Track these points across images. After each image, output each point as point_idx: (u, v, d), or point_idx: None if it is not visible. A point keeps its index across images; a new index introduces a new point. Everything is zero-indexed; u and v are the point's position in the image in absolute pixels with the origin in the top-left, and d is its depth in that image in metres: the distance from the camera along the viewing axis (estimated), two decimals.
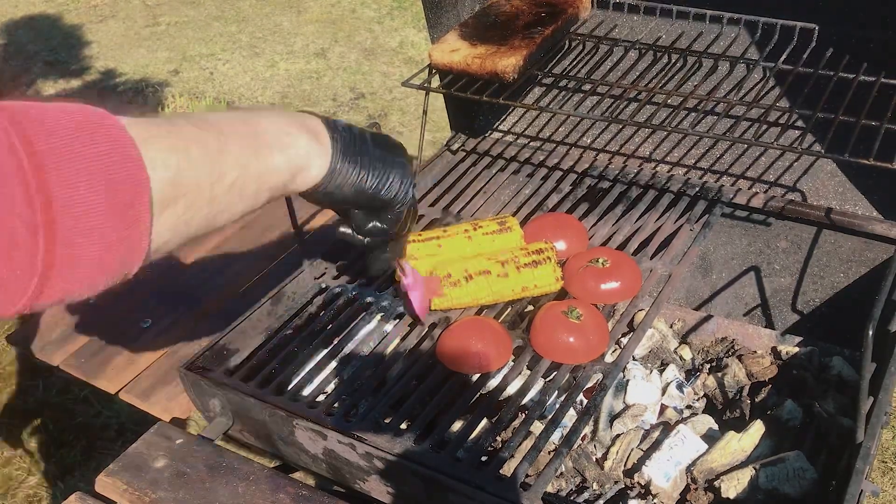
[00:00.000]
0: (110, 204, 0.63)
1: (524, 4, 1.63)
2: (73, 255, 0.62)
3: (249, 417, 1.24)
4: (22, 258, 0.59)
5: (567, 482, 1.34)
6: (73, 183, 0.60)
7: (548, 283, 1.30)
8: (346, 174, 0.93)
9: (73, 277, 0.63)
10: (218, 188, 0.75)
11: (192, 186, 0.72)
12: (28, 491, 2.41)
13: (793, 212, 1.53)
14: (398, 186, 1.00)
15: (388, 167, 0.99)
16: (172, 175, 0.69)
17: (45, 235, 0.59)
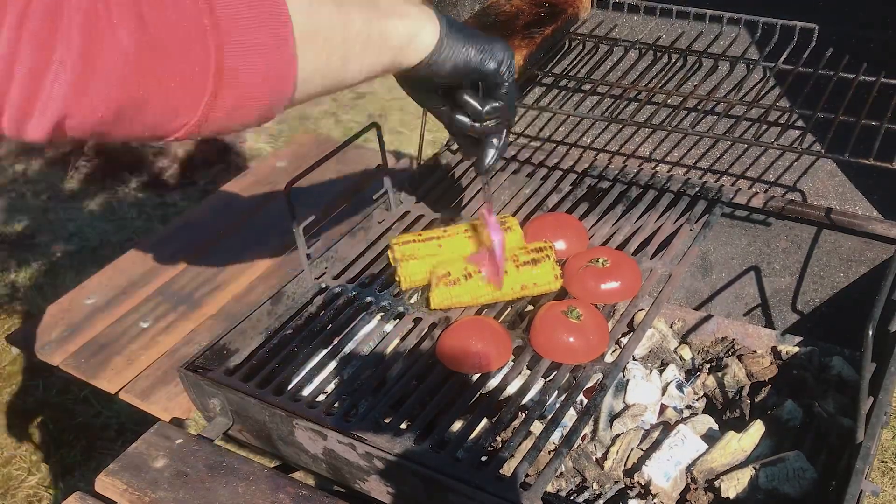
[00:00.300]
0: (261, 16, 0.70)
1: (524, 4, 1.63)
2: (239, 59, 0.69)
3: (249, 417, 1.25)
4: (197, 54, 0.66)
5: (567, 482, 1.34)
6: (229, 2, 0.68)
7: (547, 282, 1.30)
8: (454, 44, 0.99)
9: (240, 85, 0.70)
10: (349, 30, 0.82)
11: (325, 23, 0.78)
12: (28, 491, 2.41)
13: (793, 212, 1.53)
14: (502, 56, 1.04)
15: (489, 40, 1.04)
16: (307, 7, 0.76)
17: (213, 35, 0.66)
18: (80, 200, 3.61)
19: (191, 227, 1.93)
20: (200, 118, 0.69)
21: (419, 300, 1.38)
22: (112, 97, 0.62)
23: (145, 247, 1.90)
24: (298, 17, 0.74)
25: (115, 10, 0.61)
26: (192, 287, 1.72)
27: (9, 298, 3.05)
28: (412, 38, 0.94)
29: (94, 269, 1.84)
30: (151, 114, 0.66)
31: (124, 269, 1.81)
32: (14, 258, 3.25)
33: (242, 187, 2.06)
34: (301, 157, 2.13)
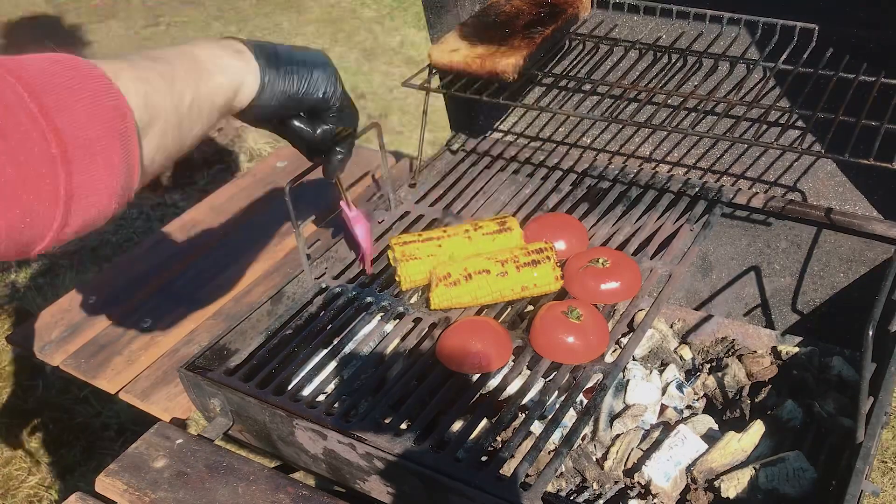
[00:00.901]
0: (107, 131, 0.70)
1: (524, 4, 1.62)
2: (88, 181, 0.69)
3: (249, 417, 1.24)
4: (47, 188, 0.66)
5: (567, 482, 1.34)
6: (74, 117, 0.68)
7: (547, 283, 1.30)
8: (275, 83, 1.01)
9: (90, 203, 0.70)
10: (182, 108, 0.84)
11: (160, 109, 0.80)
12: (28, 491, 2.41)
13: (793, 212, 1.53)
14: (325, 84, 1.07)
15: (310, 68, 1.06)
16: (144, 101, 0.77)
17: (62, 164, 0.66)
18: None
19: (191, 227, 1.93)
20: (49, 243, 0.69)
21: (419, 300, 1.38)
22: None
23: (145, 247, 1.90)
24: (139, 113, 0.76)
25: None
26: (192, 287, 1.72)
27: (9, 298, 3.05)
28: (237, 91, 0.96)
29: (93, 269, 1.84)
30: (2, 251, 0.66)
31: (124, 269, 1.81)
32: None
33: (242, 187, 2.06)
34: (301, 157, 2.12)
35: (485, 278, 1.28)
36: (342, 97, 1.12)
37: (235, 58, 0.97)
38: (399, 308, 1.35)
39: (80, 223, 0.71)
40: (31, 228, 0.66)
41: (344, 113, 1.14)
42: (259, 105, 1.01)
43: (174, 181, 3.70)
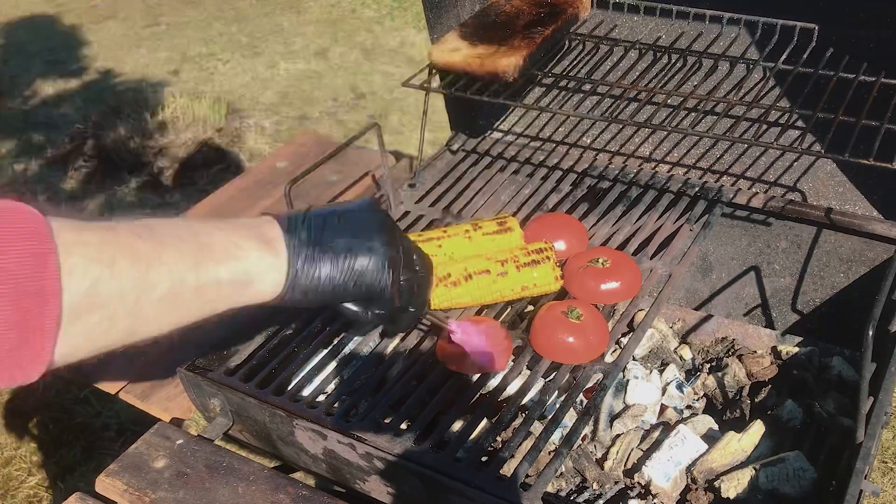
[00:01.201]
0: (13, 314, 0.61)
1: (524, 4, 1.63)
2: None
3: (249, 417, 1.24)
4: None
5: (567, 482, 1.34)
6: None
7: (547, 283, 1.30)
8: (310, 279, 0.87)
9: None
10: (144, 300, 0.72)
11: (113, 297, 0.69)
12: (28, 491, 2.41)
13: (793, 212, 1.53)
14: (374, 275, 0.91)
15: (356, 257, 0.90)
16: (89, 286, 0.67)
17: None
18: (79, 200, 3.61)
19: None
20: None
21: None
22: None
23: None
24: (74, 298, 0.65)
25: None
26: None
27: None
28: (243, 289, 0.82)
29: None
30: None
31: None
32: None
33: (242, 187, 2.06)
34: (301, 157, 2.13)
35: (485, 278, 1.28)
36: (394, 284, 0.93)
37: (259, 249, 0.83)
38: None
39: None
40: None
41: (403, 295, 0.97)
42: (288, 301, 0.88)
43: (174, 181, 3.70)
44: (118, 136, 3.88)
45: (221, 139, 3.98)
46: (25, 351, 0.64)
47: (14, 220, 0.64)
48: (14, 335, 0.62)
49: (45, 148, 4.00)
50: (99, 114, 4.17)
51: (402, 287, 0.95)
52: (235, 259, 0.81)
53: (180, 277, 0.75)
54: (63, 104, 4.37)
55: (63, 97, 4.44)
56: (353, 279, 0.90)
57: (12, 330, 0.62)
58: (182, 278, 0.75)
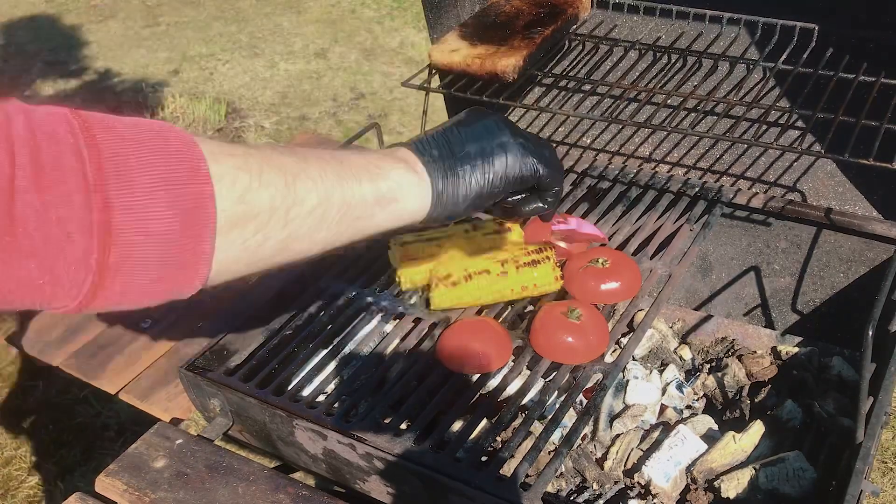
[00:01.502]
0: (173, 214, 0.63)
1: (524, 4, 1.63)
2: (128, 261, 0.62)
3: (249, 417, 1.24)
4: (75, 255, 0.60)
5: (567, 482, 1.34)
6: (134, 189, 0.61)
7: (547, 283, 1.30)
8: (455, 190, 0.88)
9: (130, 285, 0.64)
10: (294, 212, 0.73)
11: (264, 209, 0.70)
12: (28, 491, 2.41)
13: (793, 212, 1.53)
14: (520, 166, 0.92)
15: (491, 156, 0.91)
16: (241, 193, 0.68)
17: (99, 236, 0.60)
18: None
19: None
20: (80, 306, 0.63)
21: (419, 301, 1.38)
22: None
23: None
24: (227, 205, 0.66)
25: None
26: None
27: None
28: (386, 206, 0.83)
29: None
30: (24, 303, 0.61)
31: None
32: None
33: None
34: None
35: (485, 278, 1.28)
36: (537, 165, 0.94)
37: (400, 168, 0.84)
38: (399, 308, 1.35)
39: (116, 299, 0.64)
40: (52, 287, 0.61)
41: (551, 177, 0.98)
42: (441, 216, 0.89)
43: None
44: None
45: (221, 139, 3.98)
46: (188, 256, 0.65)
47: (164, 132, 0.65)
48: (176, 242, 0.63)
49: None
50: None
51: (550, 160, 0.96)
52: (378, 178, 0.81)
53: (326, 193, 0.76)
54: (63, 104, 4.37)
55: (63, 97, 4.44)
56: (498, 178, 0.91)
57: (175, 236, 0.63)
58: (328, 193, 0.76)
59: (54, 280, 0.60)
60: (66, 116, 0.62)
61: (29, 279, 0.59)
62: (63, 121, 0.61)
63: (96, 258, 0.60)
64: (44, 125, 0.60)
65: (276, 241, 0.72)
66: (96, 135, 0.61)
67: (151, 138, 0.64)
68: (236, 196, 0.67)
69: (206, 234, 0.65)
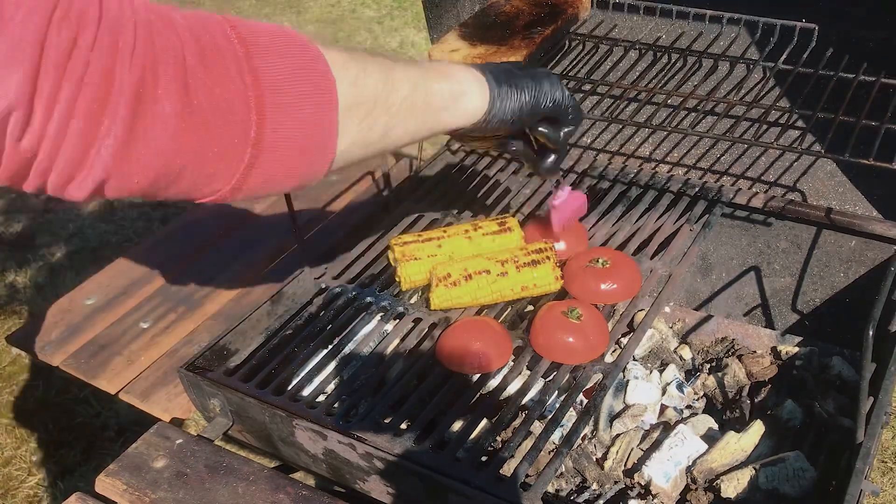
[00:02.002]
0: (307, 91, 0.73)
1: (524, 4, 1.63)
2: (279, 131, 0.72)
3: (249, 418, 1.25)
4: (237, 125, 0.69)
5: (567, 482, 1.34)
6: (276, 68, 0.72)
7: (547, 283, 1.30)
8: (507, 97, 1.03)
9: (277, 159, 0.73)
10: (393, 99, 0.85)
11: (371, 94, 0.81)
12: (28, 491, 2.41)
13: (793, 212, 1.53)
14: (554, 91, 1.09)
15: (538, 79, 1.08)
16: (353, 79, 0.79)
17: (256, 107, 0.69)
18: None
19: (191, 228, 1.93)
20: (235, 186, 0.72)
21: (419, 300, 1.38)
22: (151, 165, 0.66)
23: (145, 247, 1.90)
24: (344, 89, 0.77)
25: (163, 81, 0.63)
26: (192, 287, 1.72)
27: (9, 298, 3.05)
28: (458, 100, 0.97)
29: (93, 269, 1.84)
30: (187, 181, 0.69)
31: (124, 269, 1.81)
32: (14, 258, 3.25)
33: None
34: None
35: (485, 278, 1.28)
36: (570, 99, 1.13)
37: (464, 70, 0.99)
38: (399, 308, 1.35)
39: (263, 178, 0.73)
40: (218, 161, 0.68)
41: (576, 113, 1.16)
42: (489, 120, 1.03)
43: None
44: None
45: None
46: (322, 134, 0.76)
47: (289, 32, 0.76)
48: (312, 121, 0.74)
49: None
50: None
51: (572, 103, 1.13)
52: (452, 78, 0.97)
53: (415, 84, 0.89)
54: None
55: None
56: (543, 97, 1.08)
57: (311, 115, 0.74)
58: (416, 84, 0.89)
59: (221, 152, 0.69)
60: (213, 16, 0.72)
61: (202, 150, 0.67)
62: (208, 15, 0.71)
63: (255, 131, 0.70)
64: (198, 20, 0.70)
65: (381, 123, 0.84)
66: (239, 27, 0.71)
67: (282, 35, 0.75)
68: (349, 81, 0.78)
69: (333, 114, 0.76)
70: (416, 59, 0.97)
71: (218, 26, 0.70)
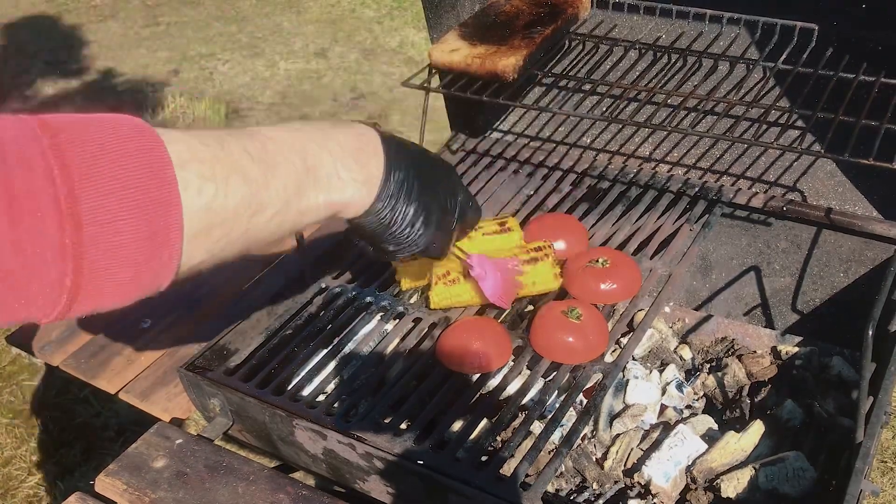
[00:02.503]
0: (141, 227, 0.63)
1: (524, 4, 1.63)
2: (101, 277, 0.63)
3: (249, 417, 1.24)
4: (51, 276, 0.60)
5: (567, 482, 1.34)
6: (105, 207, 0.61)
7: (546, 281, 1.30)
8: (379, 221, 0.93)
9: (102, 296, 0.65)
10: (256, 220, 0.75)
11: (229, 216, 0.71)
12: (28, 491, 2.41)
13: (793, 212, 1.53)
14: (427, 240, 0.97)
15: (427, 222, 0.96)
16: (207, 202, 0.69)
17: (73, 258, 0.60)
18: None
19: None
20: (57, 317, 0.65)
21: (419, 300, 1.38)
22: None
23: None
24: (194, 214, 0.67)
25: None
26: (191, 287, 1.72)
27: None
28: (334, 214, 0.87)
29: None
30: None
31: None
32: None
33: None
34: None
35: None
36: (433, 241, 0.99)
37: (357, 185, 0.87)
38: (399, 308, 1.35)
39: (90, 308, 0.66)
40: (26, 309, 0.61)
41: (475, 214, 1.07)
42: (352, 227, 0.94)
43: None
44: None
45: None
46: (155, 265, 0.66)
47: (128, 133, 0.65)
48: (145, 253, 0.65)
49: None
50: None
51: (441, 241, 1.01)
52: (335, 190, 0.85)
53: (286, 201, 0.79)
54: (63, 104, 4.37)
55: (63, 97, 4.44)
56: (409, 236, 0.96)
57: (143, 250, 0.64)
58: (287, 202, 0.79)
59: (29, 302, 0.61)
60: (34, 132, 0.61)
61: (3, 302, 0.59)
62: (32, 137, 0.60)
63: (71, 279, 0.61)
64: (13, 145, 0.59)
65: (237, 245, 0.75)
66: (66, 151, 0.60)
67: (119, 146, 0.63)
68: (203, 205, 0.68)
69: (174, 243, 0.66)
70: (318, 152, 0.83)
71: (39, 159, 0.59)
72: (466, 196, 1.06)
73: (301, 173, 0.81)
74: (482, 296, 1.26)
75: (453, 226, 1.03)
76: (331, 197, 0.84)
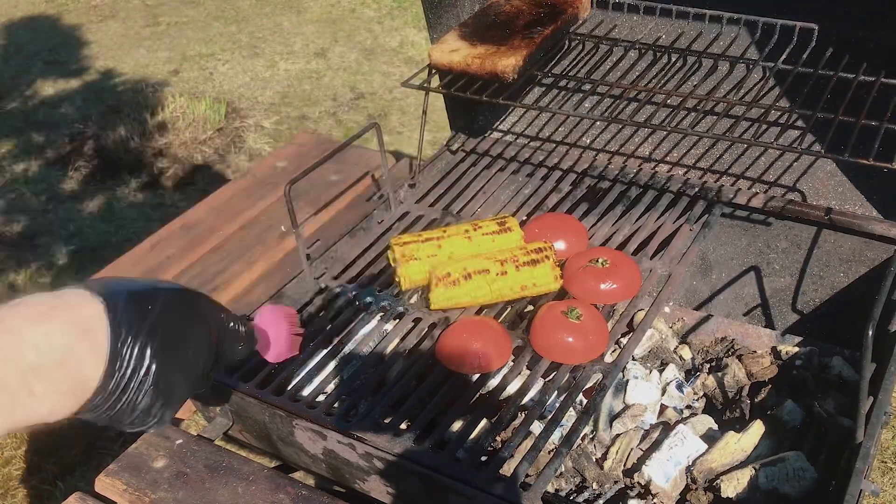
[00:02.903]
0: None
1: (524, 4, 1.63)
2: None
3: (249, 418, 1.24)
4: None
5: (567, 482, 1.34)
6: None
7: (547, 282, 1.30)
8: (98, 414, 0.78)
9: None
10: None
11: None
12: (28, 491, 2.41)
13: (793, 212, 1.53)
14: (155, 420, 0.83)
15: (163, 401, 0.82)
16: None
17: None
18: (80, 201, 3.61)
19: (190, 227, 1.93)
20: None
21: (419, 300, 1.38)
22: None
23: (145, 247, 1.90)
24: None
25: None
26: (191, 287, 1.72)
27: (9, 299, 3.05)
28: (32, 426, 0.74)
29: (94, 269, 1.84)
30: None
31: (124, 269, 1.81)
32: (14, 258, 3.25)
33: (242, 187, 2.06)
34: (301, 157, 2.13)
35: (484, 278, 1.28)
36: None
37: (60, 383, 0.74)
38: (399, 308, 1.35)
39: None
40: None
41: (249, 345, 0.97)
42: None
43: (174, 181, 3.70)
44: (118, 136, 3.88)
45: (221, 139, 3.98)
46: None
47: None
48: None
49: (45, 148, 4.00)
50: (99, 114, 4.17)
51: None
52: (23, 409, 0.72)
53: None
54: (63, 104, 4.37)
55: (63, 97, 4.44)
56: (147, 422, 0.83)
57: None
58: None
59: None
60: None
61: None
62: None
63: None
64: None
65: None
66: None
67: None
68: None
69: None
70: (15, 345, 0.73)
71: None
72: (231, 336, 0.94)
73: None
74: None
75: (209, 381, 0.91)
76: (15, 417, 0.71)
